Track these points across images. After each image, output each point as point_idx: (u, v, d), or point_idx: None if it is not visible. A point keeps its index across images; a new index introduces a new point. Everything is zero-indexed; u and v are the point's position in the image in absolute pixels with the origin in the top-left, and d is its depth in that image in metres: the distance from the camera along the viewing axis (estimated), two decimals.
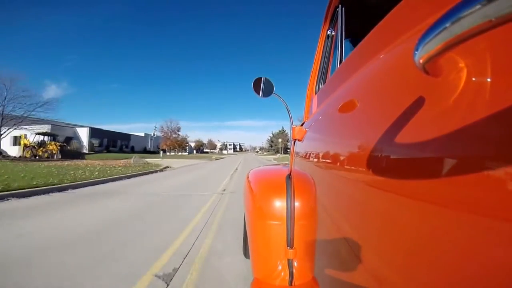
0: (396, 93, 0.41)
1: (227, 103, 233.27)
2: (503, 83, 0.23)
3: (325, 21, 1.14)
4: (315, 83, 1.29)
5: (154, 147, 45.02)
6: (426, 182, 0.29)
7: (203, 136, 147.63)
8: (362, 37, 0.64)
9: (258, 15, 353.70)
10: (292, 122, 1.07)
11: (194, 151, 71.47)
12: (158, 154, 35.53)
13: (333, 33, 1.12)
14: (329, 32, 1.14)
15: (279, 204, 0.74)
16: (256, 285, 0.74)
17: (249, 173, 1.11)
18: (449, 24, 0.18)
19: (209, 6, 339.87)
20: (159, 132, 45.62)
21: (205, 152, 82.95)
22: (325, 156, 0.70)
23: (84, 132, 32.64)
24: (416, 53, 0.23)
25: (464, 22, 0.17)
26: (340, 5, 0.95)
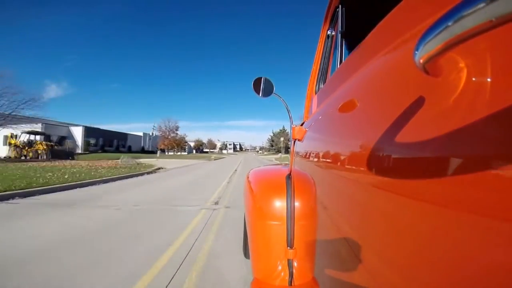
0: (396, 93, 0.41)
1: (227, 103, 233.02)
2: (503, 83, 0.23)
3: (325, 21, 1.15)
4: (315, 83, 1.30)
5: (152, 147, 44.20)
6: (426, 182, 0.29)
7: (204, 136, 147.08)
8: (362, 37, 0.64)
9: (258, 15, 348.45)
10: (292, 122, 1.08)
11: (193, 151, 71.14)
12: (155, 154, 34.70)
13: (333, 33, 1.12)
14: (329, 32, 1.15)
15: (279, 204, 0.74)
16: (256, 285, 0.74)
17: (249, 173, 1.11)
18: (449, 24, 0.18)
19: (210, 6, 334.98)
20: (158, 131, 44.73)
21: (205, 152, 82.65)
22: (325, 156, 0.71)
23: (78, 131, 31.31)
24: (416, 53, 0.23)
25: (464, 22, 0.17)
26: (340, 5, 0.96)
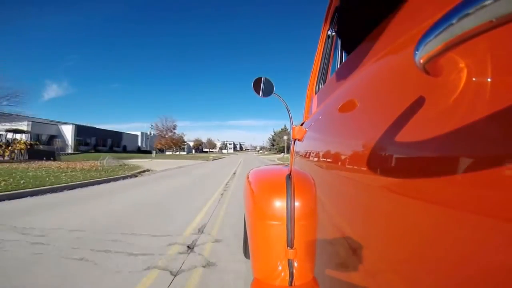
0: (396, 93, 0.41)
1: (228, 103, 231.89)
2: (503, 83, 0.23)
3: (325, 21, 1.14)
4: (315, 83, 1.30)
5: (150, 147, 42.39)
6: (426, 181, 0.29)
7: (204, 135, 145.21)
8: (362, 37, 0.64)
9: (258, 15, 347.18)
10: (292, 122, 1.07)
11: (193, 151, 69.41)
12: (152, 154, 32.86)
13: (333, 33, 1.12)
14: (329, 32, 1.14)
15: (279, 204, 0.73)
16: (256, 285, 0.74)
17: (249, 173, 1.11)
18: (449, 24, 0.18)
19: (210, 6, 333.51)
20: (155, 130, 42.85)
21: (205, 151, 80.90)
22: (325, 156, 0.70)
23: (68, 129, 29.50)
24: (416, 53, 0.23)
25: (464, 22, 0.17)
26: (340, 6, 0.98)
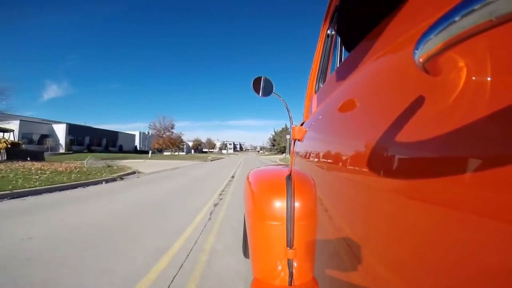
0: (396, 92, 0.40)
1: (228, 103, 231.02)
2: (503, 82, 0.22)
3: (325, 20, 1.14)
4: (315, 82, 1.29)
5: (148, 146, 41.04)
6: (426, 181, 0.29)
7: (204, 135, 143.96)
8: (362, 36, 0.64)
9: (258, 15, 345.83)
10: (292, 121, 1.07)
11: (192, 151, 68.08)
12: (148, 154, 31.49)
13: (333, 32, 1.11)
14: (329, 31, 1.14)
15: (279, 204, 0.73)
16: (256, 285, 0.73)
17: (249, 173, 1.11)
18: (449, 23, 0.18)
19: (210, 6, 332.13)
20: (152, 129, 41.49)
21: (204, 151, 79.57)
22: (325, 156, 0.70)
23: (60, 129, 28.27)
24: (416, 52, 0.23)
25: (464, 21, 0.17)
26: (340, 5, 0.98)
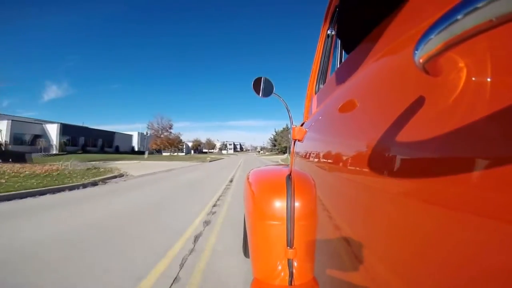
0: (396, 93, 0.40)
1: (228, 103, 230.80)
2: (503, 82, 0.22)
3: (325, 21, 1.14)
4: (315, 83, 1.29)
5: (147, 147, 40.29)
6: (426, 182, 0.29)
7: (205, 136, 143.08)
8: (362, 37, 0.63)
9: (258, 15, 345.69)
10: (292, 122, 1.06)
11: (191, 151, 67.34)
12: (146, 154, 30.73)
13: (333, 33, 1.11)
14: (329, 32, 1.14)
15: (279, 204, 0.73)
16: (256, 285, 0.73)
17: (249, 174, 1.11)
18: (449, 23, 0.18)
19: (210, 6, 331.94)
20: (150, 130, 40.75)
21: (204, 152, 78.82)
22: (325, 156, 0.70)
23: (53, 129, 27.23)
24: (416, 52, 0.23)
25: (464, 22, 0.17)
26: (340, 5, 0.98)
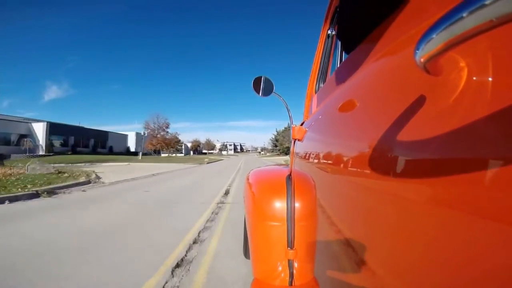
0: (396, 93, 0.40)
1: (228, 103, 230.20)
2: (504, 82, 0.22)
3: (325, 21, 1.14)
4: (315, 82, 1.29)
5: (143, 147, 39.12)
6: (426, 182, 0.29)
7: (204, 136, 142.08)
8: (362, 37, 0.64)
9: (258, 15, 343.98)
10: (292, 121, 1.06)
11: (191, 152, 66.16)
12: (144, 155, 29.55)
13: (333, 33, 1.11)
14: (329, 32, 1.14)
15: (279, 205, 0.73)
16: (256, 285, 0.73)
17: (249, 174, 1.10)
18: (450, 23, 0.18)
19: (210, 6, 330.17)
20: (146, 129, 39.60)
21: (203, 153, 77.58)
22: (325, 156, 0.70)
23: (39, 128, 25.42)
24: (417, 52, 0.23)
25: (465, 21, 0.17)
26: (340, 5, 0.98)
